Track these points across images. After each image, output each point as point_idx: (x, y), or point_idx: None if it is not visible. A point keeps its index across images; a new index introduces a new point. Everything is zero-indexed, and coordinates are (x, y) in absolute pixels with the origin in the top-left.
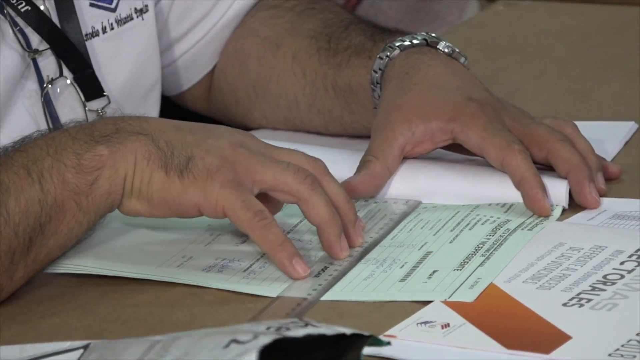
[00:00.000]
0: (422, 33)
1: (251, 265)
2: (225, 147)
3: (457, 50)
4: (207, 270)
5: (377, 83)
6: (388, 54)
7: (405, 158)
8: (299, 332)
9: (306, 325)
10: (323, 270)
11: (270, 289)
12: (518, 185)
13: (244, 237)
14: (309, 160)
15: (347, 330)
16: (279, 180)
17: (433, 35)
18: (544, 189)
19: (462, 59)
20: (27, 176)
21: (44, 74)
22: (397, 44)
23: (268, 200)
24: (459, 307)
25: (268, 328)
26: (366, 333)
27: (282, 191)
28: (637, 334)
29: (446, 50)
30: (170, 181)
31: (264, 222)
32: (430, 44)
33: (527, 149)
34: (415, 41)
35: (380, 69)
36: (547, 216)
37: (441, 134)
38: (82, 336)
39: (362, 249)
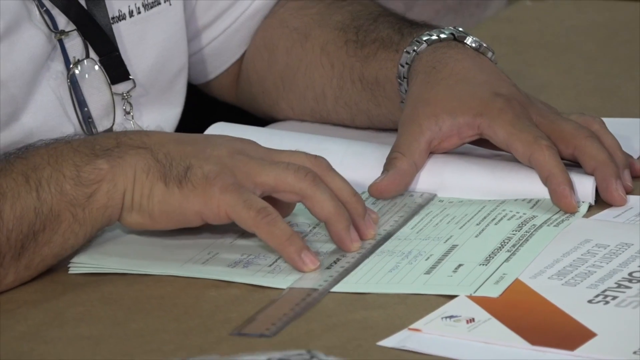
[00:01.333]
0: (450, 27)
1: (276, 261)
2: (224, 155)
3: (484, 45)
4: (232, 266)
5: (404, 77)
6: (415, 48)
7: (431, 153)
8: None
9: (312, 357)
10: (335, 262)
11: (283, 281)
12: (545, 181)
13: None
14: (310, 159)
15: None
16: (280, 180)
17: (460, 29)
18: (571, 185)
19: (490, 54)
20: (25, 183)
21: (71, 55)
22: (425, 38)
23: (277, 203)
24: (484, 302)
25: (269, 359)
26: None
27: (285, 191)
28: None
29: (473, 45)
30: (170, 192)
31: (268, 219)
32: (457, 39)
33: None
34: (442, 35)
35: (407, 63)
36: (573, 213)
37: (468, 129)
38: (106, 325)
39: (374, 241)
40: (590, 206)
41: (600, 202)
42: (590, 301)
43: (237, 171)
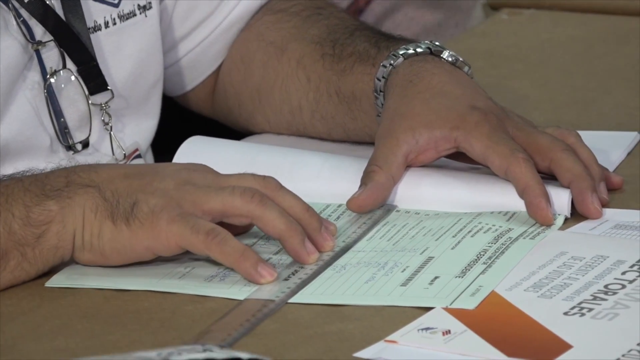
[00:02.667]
0: (426, 42)
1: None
2: (171, 187)
3: (460, 59)
4: (209, 280)
5: (381, 91)
6: (392, 62)
7: (408, 166)
8: (195, 356)
9: (204, 350)
10: (293, 274)
11: (239, 292)
12: (522, 193)
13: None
14: (258, 180)
15: (245, 355)
16: (228, 205)
17: (437, 43)
18: (547, 198)
19: (466, 68)
20: None
21: (47, 65)
22: (401, 52)
23: (231, 225)
24: (460, 314)
25: (159, 354)
26: (265, 358)
27: (234, 215)
28: (638, 344)
29: (450, 59)
30: (118, 230)
31: (218, 239)
32: (434, 53)
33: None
34: (419, 49)
35: (383, 77)
36: (549, 225)
37: (445, 142)
38: (83, 338)
39: (333, 252)
40: (566, 219)
41: (576, 214)
42: (566, 313)
43: (184, 202)
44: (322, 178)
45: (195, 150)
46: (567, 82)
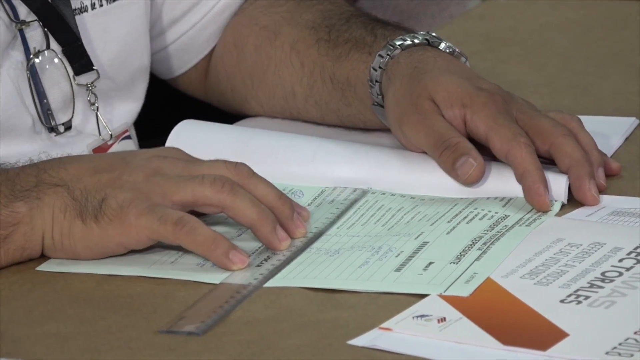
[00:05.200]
0: (423, 32)
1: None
2: (139, 179)
3: (457, 50)
4: (201, 265)
5: (377, 81)
6: (389, 52)
7: (401, 151)
8: None
9: None
10: (266, 259)
11: (214, 277)
12: (520, 178)
13: (241, 229)
14: (230, 168)
15: None
16: (198, 195)
17: (434, 35)
18: (546, 184)
19: (463, 59)
20: None
21: (31, 46)
22: (398, 43)
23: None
24: (455, 302)
25: None
26: None
27: (205, 204)
28: (635, 333)
29: (447, 50)
30: (89, 229)
31: (187, 228)
32: (431, 44)
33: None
34: (416, 40)
35: (380, 67)
36: (546, 211)
37: (456, 120)
38: (74, 323)
39: (306, 238)
40: (563, 205)
41: (573, 200)
42: (562, 301)
43: (153, 194)
44: (316, 162)
45: (187, 133)
46: (565, 67)
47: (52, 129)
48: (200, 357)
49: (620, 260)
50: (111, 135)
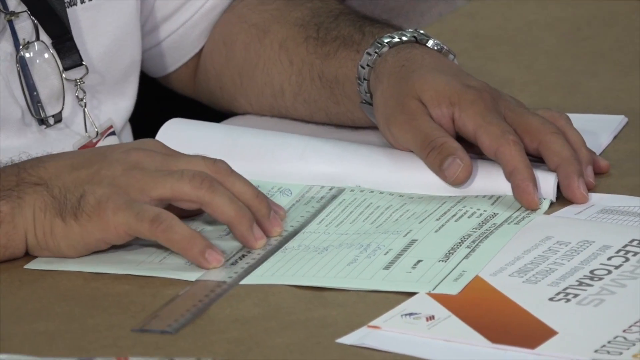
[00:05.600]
0: (411, 30)
1: (235, 254)
2: (118, 174)
3: (445, 47)
4: (189, 264)
5: (365, 79)
6: (377, 50)
7: (390, 149)
8: None
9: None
10: (241, 258)
11: (190, 274)
12: (509, 176)
13: (227, 228)
14: (208, 164)
15: None
16: (176, 191)
17: (422, 32)
18: (534, 182)
19: (451, 57)
20: None
21: (20, 37)
22: (386, 41)
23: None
24: (444, 300)
25: None
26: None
27: (183, 200)
28: (624, 331)
29: (435, 47)
30: (69, 227)
31: (163, 226)
32: (419, 41)
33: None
34: (404, 38)
35: (368, 65)
36: (534, 210)
37: (445, 120)
38: (63, 321)
39: (281, 237)
40: (552, 203)
41: (562, 198)
42: (551, 299)
43: (131, 189)
44: (305, 159)
45: (175, 132)
46: (554, 65)
47: (42, 121)
48: (188, 355)
49: (609, 259)
50: (97, 132)
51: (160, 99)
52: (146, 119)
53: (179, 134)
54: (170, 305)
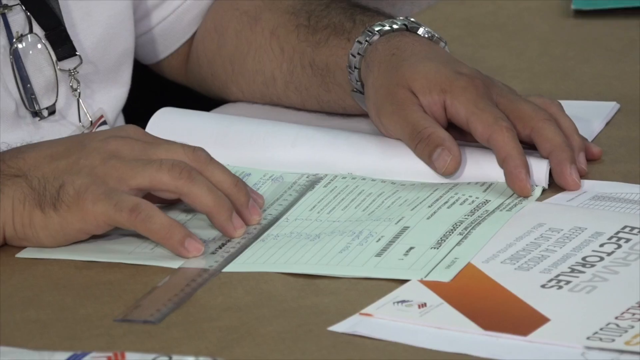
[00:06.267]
0: (401, 18)
1: (225, 244)
2: (96, 163)
3: (436, 35)
4: None
5: (355, 67)
6: (367, 38)
7: (381, 137)
8: None
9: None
10: (220, 247)
11: (169, 261)
12: (502, 162)
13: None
14: (188, 153)
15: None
16: (155, 181)
17: (412, 20)
18: (527, 169)
19: (442, 44)
20: None
21: (14, 30)
22: (377, 29)
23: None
24: (436, 287)
25: None
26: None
27: (162, 190)
28: (616, 318)
29: (426, 35)
30: (48, 217)
31: (142, 216)
32: (410, 29)
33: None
34: (395, 26)
35: (359, 54)
36: (527, 196)
37: (437, 107)
38: (54, 310)
39: (260, 225)
40: (544, 190)
41: (554, 185)
42: (543, 286)
43: (109, 178)
44: (296, 147)
45: (166, 122)
46: (545, 51)
47: (36, 114)
48: (181, 343)
49: (601, 245)
50: (91, 122)
51: (152, 90)
52: (139, 109)
53: (170, 124)
54: (152, 294)
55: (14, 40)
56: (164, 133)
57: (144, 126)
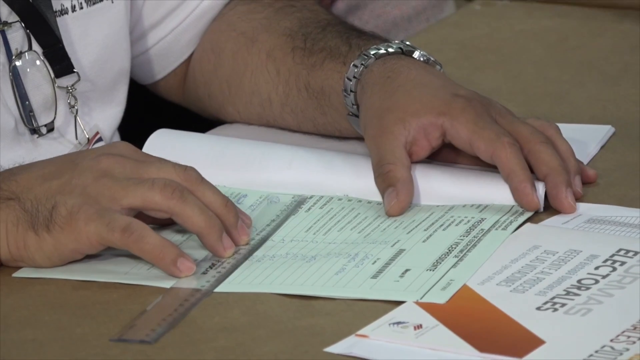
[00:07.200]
0: (397, 41)
1: (215, 264)
2: (88, 182)
3: (432, 58)
4: None
5: (351, 91)
6: (363, 62)
7: None
8: None
9: None
10: (211, 267)
11: (165, 282)
12: (506, 178)
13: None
14: (179, 172)
15: None
16: (147, 201)
17: (408, 43)
18: (532, 183)
19: (438, 67)
20: None
21: (13, 47)
22: (372, 52)
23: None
24: (432, 309)
25: None
26: None
27: (154, 209)
28: (611, 340)
29: (422, 59)
30: (42, 239)
31: (134, 237)
32: (405, 53)
33: None
34: (390, 49)
35: (354, 77)
36: (535, 210)
37: (433, 129)
38: (51, 329)
39: (250, 246)
40: (539, 212)
41: (550, 208)
42: (538, 308)
43: (102, 198)
44: (293, 169)
45: (163, 142)
46: (541, 74)
47: (35, 131)
48: None
49: (597, 268)
50: (88, 139)
51: (148, 108)
52: (135, 128)
53: (167, 145)
54: (145, 314)
55: (13, 57)
56: (161, 154)
57: (140, 146)
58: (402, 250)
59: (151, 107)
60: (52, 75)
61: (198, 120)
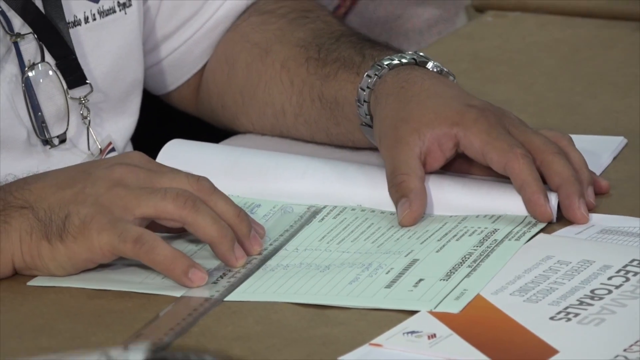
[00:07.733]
0: (410, 52)
1: (227, 273)
2: (101, 192)
3: (445, 69)
4: None
5: (365, 101)
6: (377, 72)
7: None
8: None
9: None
10: (222, 276)
11: (178, 291)
12: (519, 189)
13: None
14: (192, 182)
15: None
16: (160, 210)
17: (422, 54)
18: (545, 194)
19: (451, 78)
20: None
21: (26, 58)
22: (386, 63)
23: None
24: (445, 318)
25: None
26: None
27: (166, 219)
28: (625, 350)
29: (435, 69)
30: (55, 249)
31: (145, 247)
32: (418, 64)
33: None
34: (404, 60)
35: (368, 87)
36: (548, 222)
37: (447, 139)
38: (66, 338)
39: (262, 256)
40: (553, 223)
41: (562, 218)
42: (552, 318)
43: (115, 207)
44: (306, 179)
45: (177, 152)
46: (553, 86)
47: (47, 142)
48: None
49: (610, 278)
50: (101, 149)
51: (161, 118)
52: (148, 139)
53: (180, 155)
54: (154, 323)
55: (26, 68)
56: (174, 164)
57: (153, 156)
58: (415, 260)
59: (164, 117)
60: (65, 87)
61: (211, 131)
